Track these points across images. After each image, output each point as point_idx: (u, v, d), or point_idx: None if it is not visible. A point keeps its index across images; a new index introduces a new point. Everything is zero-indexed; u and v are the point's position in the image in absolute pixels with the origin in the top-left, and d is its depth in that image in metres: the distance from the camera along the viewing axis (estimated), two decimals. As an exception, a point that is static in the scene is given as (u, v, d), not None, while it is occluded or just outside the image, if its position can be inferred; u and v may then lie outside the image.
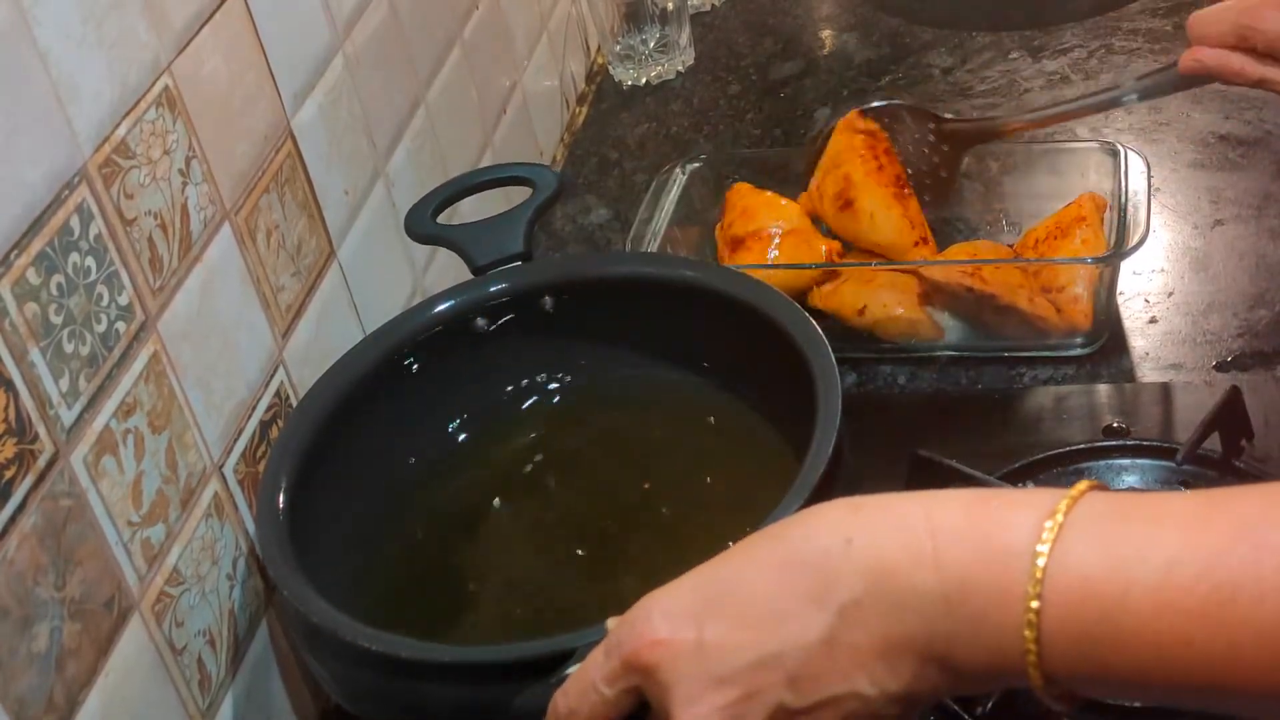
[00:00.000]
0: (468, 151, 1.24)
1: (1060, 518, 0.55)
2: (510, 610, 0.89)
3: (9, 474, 0.68)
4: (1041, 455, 0.97)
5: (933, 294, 1.09)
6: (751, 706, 0.59)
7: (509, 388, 0.99)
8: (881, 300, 1.09)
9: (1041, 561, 0.55)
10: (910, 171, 1.14)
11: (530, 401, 0.99)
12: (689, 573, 0.63)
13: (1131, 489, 0.92)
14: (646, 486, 0.94)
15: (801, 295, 1.10)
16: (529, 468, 0.97)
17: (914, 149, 1.15)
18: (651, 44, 1.49)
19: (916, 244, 1.10)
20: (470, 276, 0.98)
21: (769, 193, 1.16)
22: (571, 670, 0.66)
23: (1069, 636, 0.54)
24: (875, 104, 1.17)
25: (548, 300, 0.97)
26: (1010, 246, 1.13)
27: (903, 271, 1.10)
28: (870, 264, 1.11)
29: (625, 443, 0.97)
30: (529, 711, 0.70)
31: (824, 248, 1.13)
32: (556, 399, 0.99)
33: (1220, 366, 1.05)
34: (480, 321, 0.96)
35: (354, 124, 1.04)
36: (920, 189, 1.15)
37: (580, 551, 0.92)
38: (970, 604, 0.56)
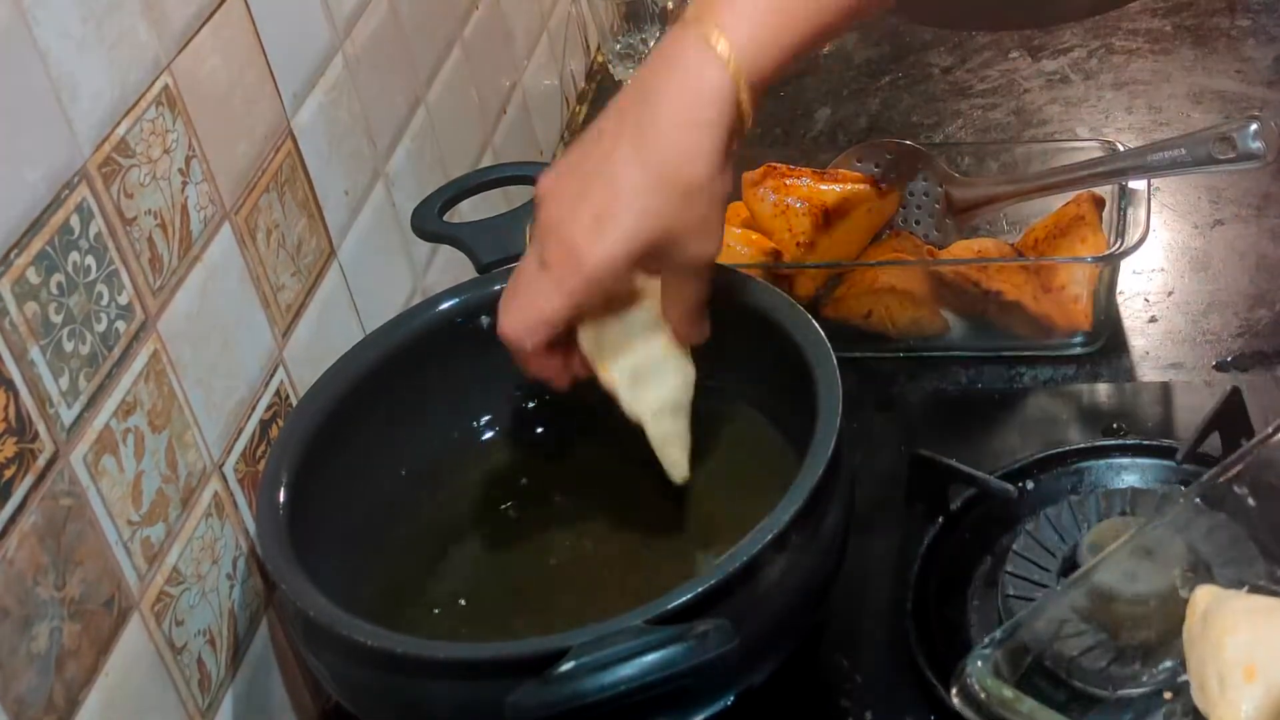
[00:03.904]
0: (468, 151, 1.24)
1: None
2: (509, 608, 0.89)
3: (9, 473, 0.68)
4: (1041, 455, 0.97)
5: (938, 290, 1.09)
6: None
7: (510, 387, 0.99)
8: (885, 302, 1.09)
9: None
10: (907, 218, 1.16)
11: (531, 401, 0.99)
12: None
13: (1132, 489, 0.92)
14: (647, 486, 0.94)
15: (811, 305, 1.11)
16: (529, 467, 0.97)
17: (916, 198, 1.16)
18: (651, 43, 1.48)
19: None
20: (472, 276, 0.98)
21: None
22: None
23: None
24: (893, 140, 1.19)
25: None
26: (1011, 245, 1.13)
27: (908, 267, 1.10)
28: (872, 264, 1.11)
29: (626, 443, 0.97)
30: (524, 708, 0.70)
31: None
32: (558, 399, 0.99)
33: (1220, 366, 1.05)
34: (484, 320, 0.96)
35: (354, 124, 1.04)
36: (918, 229, 1.16)
37: (579, 550, 0.92)
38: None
